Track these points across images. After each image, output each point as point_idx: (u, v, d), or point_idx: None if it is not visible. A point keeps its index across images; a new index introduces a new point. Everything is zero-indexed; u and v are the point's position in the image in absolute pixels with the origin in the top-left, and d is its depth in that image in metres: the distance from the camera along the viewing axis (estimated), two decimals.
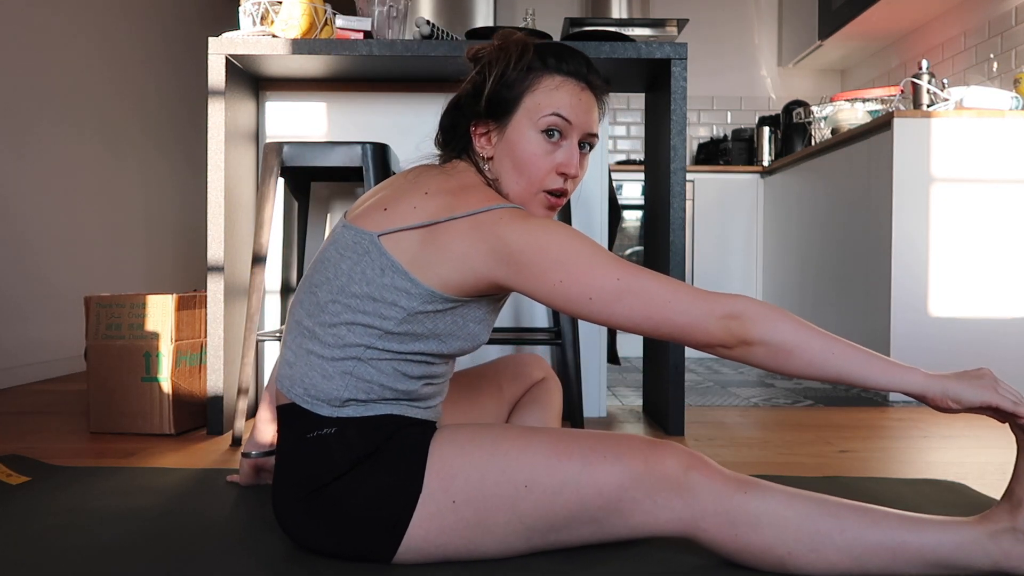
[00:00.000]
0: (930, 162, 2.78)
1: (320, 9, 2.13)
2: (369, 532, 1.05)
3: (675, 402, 2.13)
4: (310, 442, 1.07)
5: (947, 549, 0.97)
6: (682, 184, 2.13)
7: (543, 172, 1.11)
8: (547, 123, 1.10)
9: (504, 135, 1.12)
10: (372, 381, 1.07)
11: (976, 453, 1.95)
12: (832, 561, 0.99)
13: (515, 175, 1.11)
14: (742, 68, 4.92)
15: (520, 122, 1.11)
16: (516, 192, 1.12)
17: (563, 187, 1.12)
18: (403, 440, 1.07)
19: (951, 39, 3.70)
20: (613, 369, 3.66)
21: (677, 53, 2.12)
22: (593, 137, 1.15)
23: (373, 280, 1.05)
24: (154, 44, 4.19)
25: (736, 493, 1.02)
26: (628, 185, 4.24)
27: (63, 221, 3.34)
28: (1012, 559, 0.96)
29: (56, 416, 2.34)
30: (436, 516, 1.04)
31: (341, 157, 1.98)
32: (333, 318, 1.07)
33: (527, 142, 1.10)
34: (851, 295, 3.14)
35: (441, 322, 1.07)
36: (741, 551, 1.02)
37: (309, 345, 1.09)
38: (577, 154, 1.12)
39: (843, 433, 2.20)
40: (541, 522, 1.04)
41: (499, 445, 1.06)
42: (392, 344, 1.06)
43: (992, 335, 2.78)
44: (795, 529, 0.99)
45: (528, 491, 1.03)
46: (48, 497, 1.44)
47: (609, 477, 1.03)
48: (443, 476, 1.04)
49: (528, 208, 1.13)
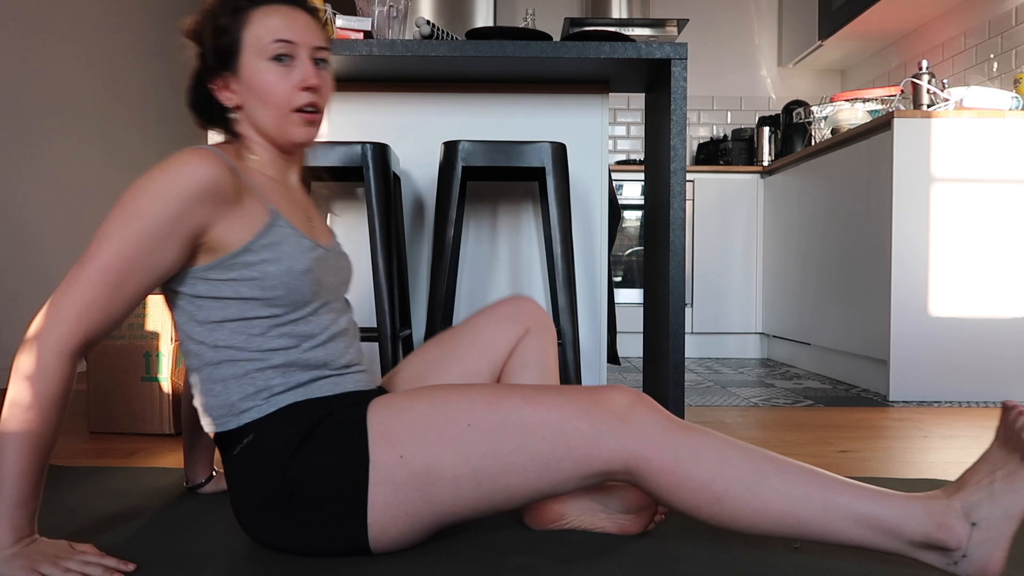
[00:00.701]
0: (930, 162, 2.78)
1: (320, 9, 2.13)
2: (334, 520, 1.06)
3: (675, 402, 2.13)
4: (238, 459, 1.09)
5: (880, 510, 0.98)
6: (682, 184, 2.13)
7: (285, 93, 1.14)
8: (272, 50, 1.13)
9: (241, 78, 1.15)
10: (247, 373, 1.10)
11: (976, 453, 1.95)
12: (766, 502, 0.99)
13: (263, 107, 1.15)
14: (742, 68, 4.92)
15: (249, 60, 1.14)
16: (270, 122, 1.15)
17: (312, 101, 1.16)
18: (336, 421, 1.09)
19: (951, 39, 3.70)
20: (613, 369, 3.66)
21: (677, 53, 2.12)
22: (323, 51, 1.18)
23: (177, 289, 1.11)
24: (153, 45, 4.19)
25: (681, 428, 1.04)
26: (628, 185, 4.25)
27: (64, 222, 3.34)
28: (942, 530, 0.96)
29: None
30: (388, 477, 1.04)
31: (341, 157, 1.98)
32: (185, 346, 1.13)
33: (261, 74, 1.14)
34: (851, 295, 3.14)
35: (231, 284, 1.09)
36: (680, 484, 1.01)
37: (192, 380, 1.14)
38: (311, 67, 1.16)
39: (843, 433, 2.20)
40: (488, 460, 1.04)
41: (438, 395, 1.08)
42: (223, 332, 1.10)
43: (992, 335, 2.78)
44: (735, 466, 1.00)
45: (471, 429, 1.04)
46: (48, 497, 1.44)
47: (552, 408, 1.04)
48: (387, 436, 1.05)
49: (288, 131, 1.16)
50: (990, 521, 0.96)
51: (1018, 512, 0.95)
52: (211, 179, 1.05)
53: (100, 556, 1.06)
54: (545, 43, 2.10)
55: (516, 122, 2.42)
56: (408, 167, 2.42)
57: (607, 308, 2.47)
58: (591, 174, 2.43)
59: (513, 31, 2.20)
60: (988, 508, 0.96)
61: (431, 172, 2.42)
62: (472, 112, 2.41)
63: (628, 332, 4.23)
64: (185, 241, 1.05)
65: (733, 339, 4.25)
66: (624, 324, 4.20)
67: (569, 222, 2.01)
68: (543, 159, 2.00)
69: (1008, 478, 0.96)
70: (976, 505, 0.97)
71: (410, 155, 2.42)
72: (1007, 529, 0.96)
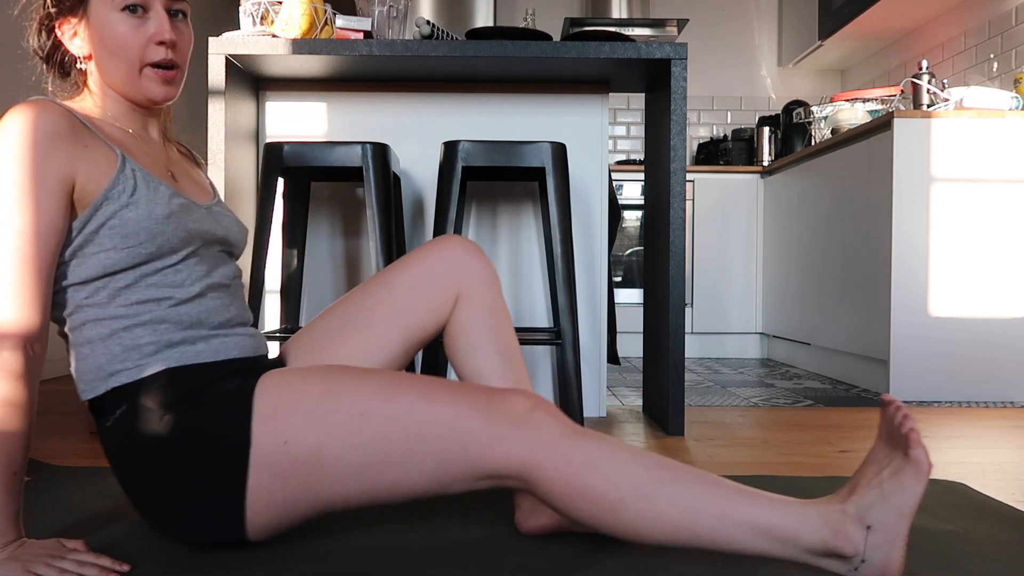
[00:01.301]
0: (930, 162, 2.78)
1: (320, 9, 2.13)
2: (209, 501, 1.02)
3: (675, 402, 2.13)
4: (112, 431, 1.06)
5: (777, 520, 0.95)
6: (682, 184, 2.13)
7: (138, 48, 1.09)
8: (123, 1, 1.08)
9: (89, 26, 1.09)
10: (113, 332, 1.05)
11: (976, 453, 1.95)
12: (661, 511, 0.96)
13: (113, 60, 1.09)
14: (742, 68, 4.92)
15: (97, 8, 1.08)
16: (122, 77, 1.10)
17: (167, 58, 1.11)
18: (217, 395, 1.04)
19: (951, 39, 3.70)
20: (613, 369, 3.66)
21: (677, 53, 2.12)
22: (179, 3, 1.13)
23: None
24: None
25: (577, 435, 0.99)
26: (628, 185, 4.24)
27: None
28: (839, 538, 0.93)
29: (56, 416, 2.34)
30: (270, 463, 1.00)
31: (341, 157, 1.98)
32: (56, 312, 1.08)
33: (112, 25, 1.08)
34: (851, 295, 3.14)
35: (94, 239, 1.04)
36: (574, 493, 0.97)
37: (67, 346, 1.09)
38: (167, 21, 1.10)
39: (843, 433, 2.20)
40: (377, 453, 1.00)
41: (333, 378, 1.03)
42: (86, 291, 1.05)
43: (992, 335, 2.78)
44: (630, 474, 0.96)
45: (364, 420, 1.00)
46: (48, 497, 1.44)
47: (448, 406, 1.00)
48: (272, 418, 1.01)
49: (142, 88, 1.11)
50: (884, 523, 0.93)
51: (909, 509, 0.93)
52: (53, 123, 1.01)
53: (95, 556, 1.04)
54: (545, 43, 2.10)
55: (516, 122, 2.42)
56: (408, 167, 2.42)
57: (607, 308, 2.47)
58: (591, 174, 2.43)
59: (513, 31, 2.20)
60: (880, 510, 0.94)
61: (431, 172, 2.42)
62: (472, 112, 2.41)
63: (628, 332, 4.23)
64: (61, 195, 1.01)
65: (733, 339, 4.25)
66: (624, 324, 4.20)
67: (569, 222, 2.01)
68: (543, 159, 2.00)
69: (895, 476, 0.94)
70: (868, 507, 0.94)
71: (410, 155, 2.42)
72: (901, 528, 0.93)
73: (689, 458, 1.85)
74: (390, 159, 2.05)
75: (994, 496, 1.53)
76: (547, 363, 2.45)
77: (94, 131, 1.07)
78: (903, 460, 0.94)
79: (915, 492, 0.93)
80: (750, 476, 1.66)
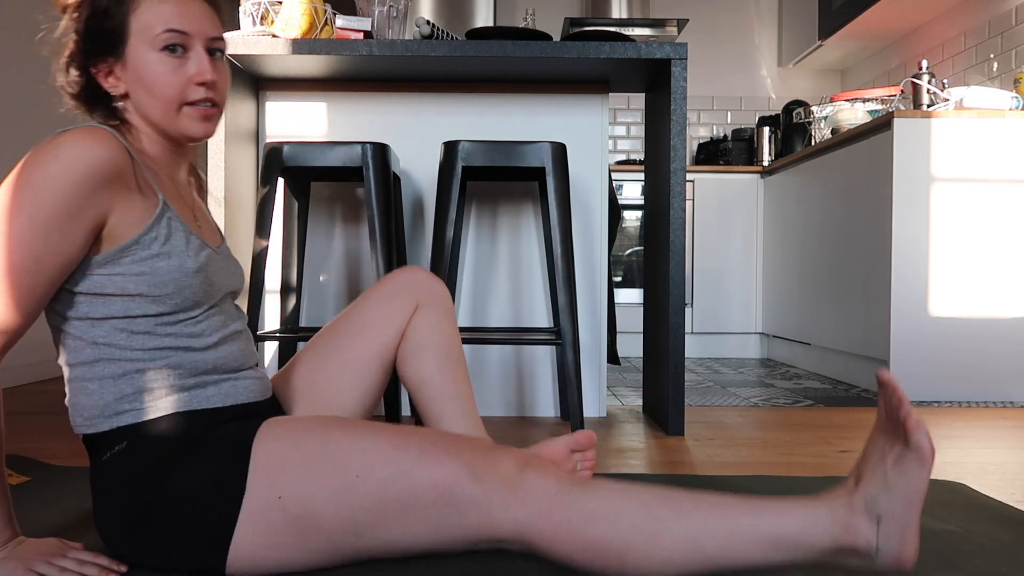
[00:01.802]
0: (930, 162, 2.78)
1: (320, 9, 2.13)
2: (193, 543, 1.00)
3: (675, 402, 2.13)
4: (106, 465, 1.03)
5: (785, 528, 0.94)
6: (682, 184, 2.13)
7: (177, 88, 1.06)
8: (163, 41, 1.04)
9: (127, 66, 1.06)
10: (126, 373, 1.03)
11: (976, 453, 1.95)
12: (670, 549, 0.95)
13: (151, 100, 1.06)
14: (742, 68, 4.92)
15: (136, 48, 1.05)
16: (160, 115, 1.07)
17: (207, 96, 1.08)
18: (217, 440, 1.03)
19: (951, 39, 3.70)
20: (613, 369, 3.66)
21: (677, 53, 2.12)
22: (218, 41, 1.10)
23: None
24: None
25: (571, 490, 0.98)
26: (628, 185, 4.24)
27: None
28: (849, 533, 0.93)
29: (56, 416, 2.34)
30: (262, 516, 0.99)
31: (341, 157, 1.98)
32: (60, 339, 1.05)
33: (151, 65, 1.05)
34: (851, 295, 3.14)
35: (116, 280, 1.02)
36: (579, 550, 0.97)
37: (67, 376, 1.07)
38: (207, 60, 1.07)
39: (843, 433, 2.20)
40: (372, 516, 0.99)
41: (331, 434, 1.02)
42: (103, 329, 1.03)
43: (992, 335, 2.78)
44: (630, 519, 0.96)
45: (359, 481, 0.99)
46: (48, 497, 1.44)
47: (444, 469, 0.99)
48: (269, 471, 1.00)
49: (181, 127, 1.08)
50: (893, 512, 0.93)
51: (916, 496, 0.92)
52: (109, 161, 0.98)
53: (94, 556, 1.04)
54: (545, 43, 2.10)
55: (516, 122, 2.42)
56: (408, 167, 2.42)
57: (607, 308, 2.47)
58: (591, 174, 2.43)
59: (513, 31, 2.20)
60: (887, 499, 0.93)
61: (431, 172, 2.42)
62: (472, 112, 2.41)
63: (628, 332, 4.23)
64: (89, 231, 0.99)
65: (733, 339, 4.25)
66: (624, 324, 4.20)
67: (569, 222, 2.01)
68: (543, 159, 2.00)
69: (897, 464, 0.93)
70: (875, 498, 0.94)
71: (410, 155, 2.42)
72: (911, 515, 0.93)
73: (689, 458, 1.85)
74: (390, 159, 2.05)
75: (994, 496, 1.53)
76: (547, 363, 2.45)
77: (143, 169, 1.06)
78: (904, 448, 0.93)
79: (920, 477, 0.92)
80: (750, 476, 1.66)
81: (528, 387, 2.45)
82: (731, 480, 1.61)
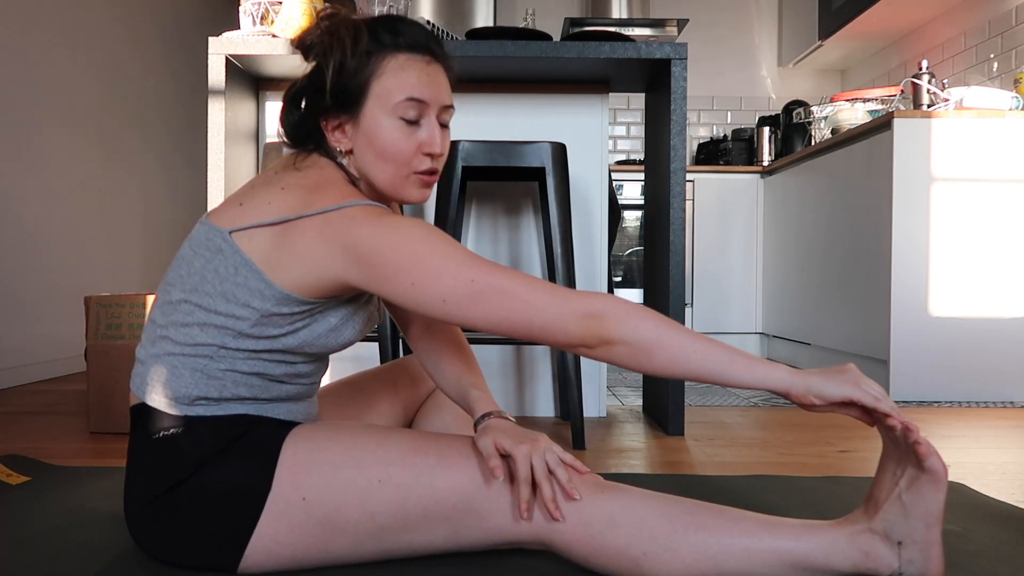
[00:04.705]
0: (930, 162, 2.78)
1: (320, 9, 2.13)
2: (215, 536, 1.01)
3: (675, 402, 2.13)
4: (157, 443, 1.03)
5: (805, 550, 0.95)
6: (682, 184, 2.13)
7: (408, 156, 1.07)
8: (402, 109, 1.05)
9: (359, 126, 1.07)
10: (225, 379, 1.04)
11: (976, 453, 1.95)
12: (687, 561, 0.95)
13: (380, 164, 1.07)
14: (742, 68, 4.92)
15: (373, 111, 1.06)
16: (385, 180, 1.08)
17: (432, 166, 1.09)
18: (254, 439, 1.04)
19: (951, 39, 3.70)
20: (613, 369, 3.66)
21: (677, 53, 2.12)
22: (449, 109, 1.11)
23: (227, 278, 1.01)
24: (152, 44, 4.19)
25: (592, 493, 0.99)
26: (628, 185, 4.24)
27: (63, 222, 3.34)
28: (870, 560, 0.94)
29: (56, 416, 2.34)
30: (285, 515, 1.00)
31: None
32: (185, 317, 1.03)
33: (385, 130, 1.06)
34: (851, 295, 3.14)
35: (299, 323, 1.04)
36: (597, 553, 0.98)
37: (161, 345, 1.05)
38: (438, 131, 1.09)
39: (843, 433, 2.20)
40: (393, 520, 1.01)
41: (356, 440, 1.04)
42: (247, 344, 1.03)
43: (992, 335, 2.78)
44: (651, 528, 0.96)
45: (381, 486, 1.00)
46: (48, 497, 1.44)
47: (464, 474, 1.01)
48: (295, 473, 1.01)
49: (402, 192, 1.09)
50: (913, 536, 0.94)
51: (934, 518, 0.93)
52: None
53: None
54: (545, 43, 2.10)
55: (516, 122, 2.42)
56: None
57: None
58: (591, 174, 2.43)
59: (513, 31, 2.20)
60: (905, 524, 0.94)
61: None
62: (472, 112, 2.41)
63: None
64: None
65: (733, 339, 4.25)
66: None
67: (569, 222, 2.01)
68: (543, 159, 2.00)
69: (912, 487, 0.94)
70: (894, 524, 0.94)
71: None
72: (932, 536, 0.93)
73: (689, 458, 1.85)
74: None
75: (994, 496, 1.53)
76: (547, 363, 2.45)
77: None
78: (916, 470, 0.93)
79: (936, 500, 0.93)
80: (750, 476, 1.66)
81: (528, 387, 2.45)
82: (731, 480, 1.61)
